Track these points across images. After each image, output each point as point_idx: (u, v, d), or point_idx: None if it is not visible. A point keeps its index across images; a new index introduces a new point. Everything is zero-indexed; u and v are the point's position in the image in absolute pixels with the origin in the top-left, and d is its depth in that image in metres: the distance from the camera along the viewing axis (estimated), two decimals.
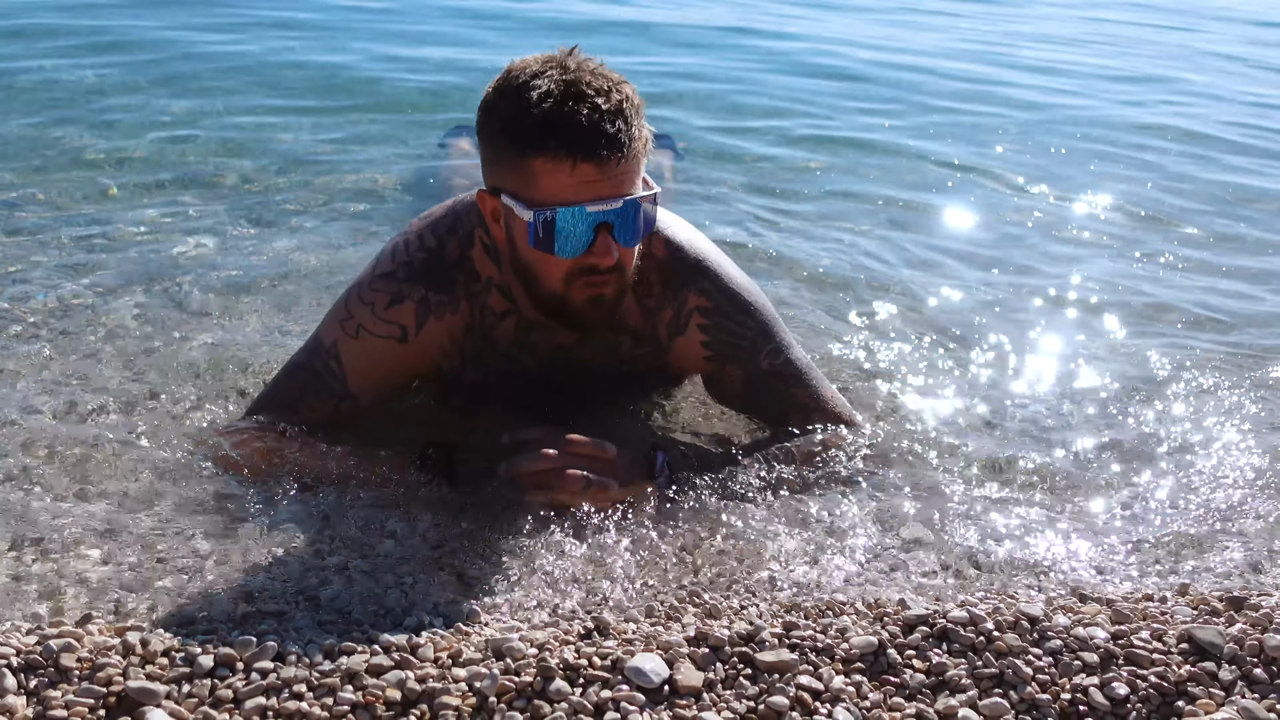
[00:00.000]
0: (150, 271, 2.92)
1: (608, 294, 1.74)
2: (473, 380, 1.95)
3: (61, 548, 1.62)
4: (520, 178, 1.64)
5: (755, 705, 1.25)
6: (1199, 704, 1.27)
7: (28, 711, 1.16)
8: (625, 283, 1.76)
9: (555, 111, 1.57)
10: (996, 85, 6.41)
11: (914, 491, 1.93)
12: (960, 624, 1.38)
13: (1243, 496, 2.00)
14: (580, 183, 1.60)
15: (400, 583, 1.55)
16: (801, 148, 4.75)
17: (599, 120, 1.57)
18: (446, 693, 1.22)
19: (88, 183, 3.63)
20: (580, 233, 1.64)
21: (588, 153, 1.58)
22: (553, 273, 1.70)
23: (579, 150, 1.58)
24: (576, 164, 1.59)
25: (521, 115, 1.60)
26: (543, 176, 1.61)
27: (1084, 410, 2.40)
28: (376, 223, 3.44)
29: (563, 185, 1.61)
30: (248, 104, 4.72)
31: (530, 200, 1.63)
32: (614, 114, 1.59)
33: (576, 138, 1.57)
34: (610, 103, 1.59)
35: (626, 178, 1.64)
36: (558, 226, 1.62)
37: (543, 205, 1.62)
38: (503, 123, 1.64)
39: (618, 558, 1.66)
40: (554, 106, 1.58)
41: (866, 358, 2.60)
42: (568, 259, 1.67)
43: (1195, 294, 3.26)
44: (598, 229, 1.64)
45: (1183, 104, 6.29)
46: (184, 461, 1.90)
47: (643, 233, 1.71)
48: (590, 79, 1.60)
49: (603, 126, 1.58)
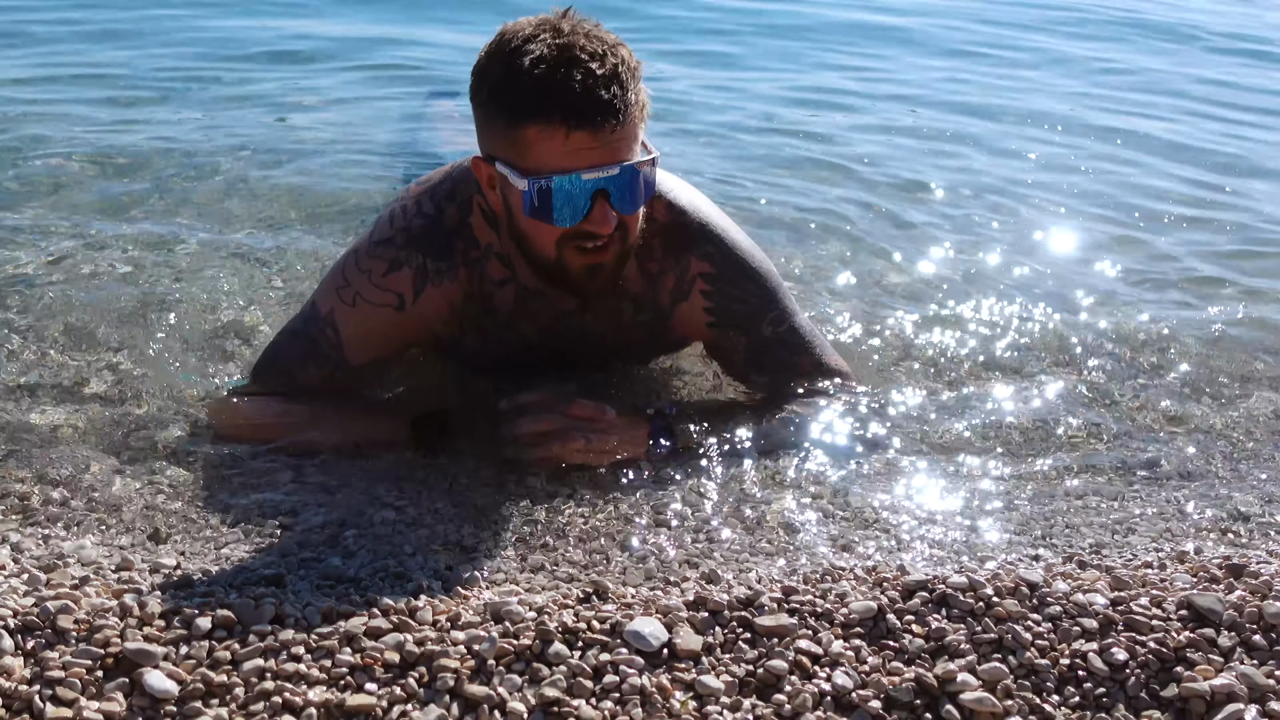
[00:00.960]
0: (144, 230, 2.92)
1: (607, 261, 1.71)
2: (472, 347, 1.94)
3: (59, 513, 1.62)
4: (514, 146, 1.60)
5: (754, 669, 1.25)
6: (1197, 670, 1.27)
7: (26, 672, 1.16)
8: (628, 249, 1.74)
9: (548, 78, 1.54)
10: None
11: (915, 456, 1.93)
12: (960, 590, 1.37)
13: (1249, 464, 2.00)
14: (575, 150, 1.57)
15: (399, 549, 1.55)
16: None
17: (593, 86, 1.54)
18: (445, 655, 1.22)
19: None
20: (577, 201, 1.61)
21: (581, 120, 1.55)
22: (546, 240, 1.67)
23: (572, 118, 1.55)
24: (570, 132, 1.55)
25: (514, 82, 1.56)
26: (536, 145, 1.58)
27: (1091, 372, 2.39)
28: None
29: (557, 153, 1.57)
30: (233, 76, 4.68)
31: (525, 169, 1.60)
32: (609, 79, 1.55)
33: (570, 105, 1.54)
34: (605, 67, 1.55)
35: (623, 144, 1.61)
36: (554, 195, 1.60)
37: (537, 174, 1.59)
38: (495, 89, 1.60)
39: (616, 522, 1.66)
40: (546, 73, 1.54)
41: (867, 319, 2.59)
42: (564, 227, 1.64)
43: (1200, 256, 3.24)
44: (594, 196, 1.61)
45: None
46: (182, 428, 1.90)
47: (642, 199, 1.68)
48: (584, 43, 1.56)
49: (597, 93, 1.54)
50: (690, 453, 1.84)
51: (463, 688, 1.18)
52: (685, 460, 1.83)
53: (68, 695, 1.13)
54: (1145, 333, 2.64)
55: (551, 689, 1.18)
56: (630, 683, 1.21)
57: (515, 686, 1.19)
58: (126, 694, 1.14)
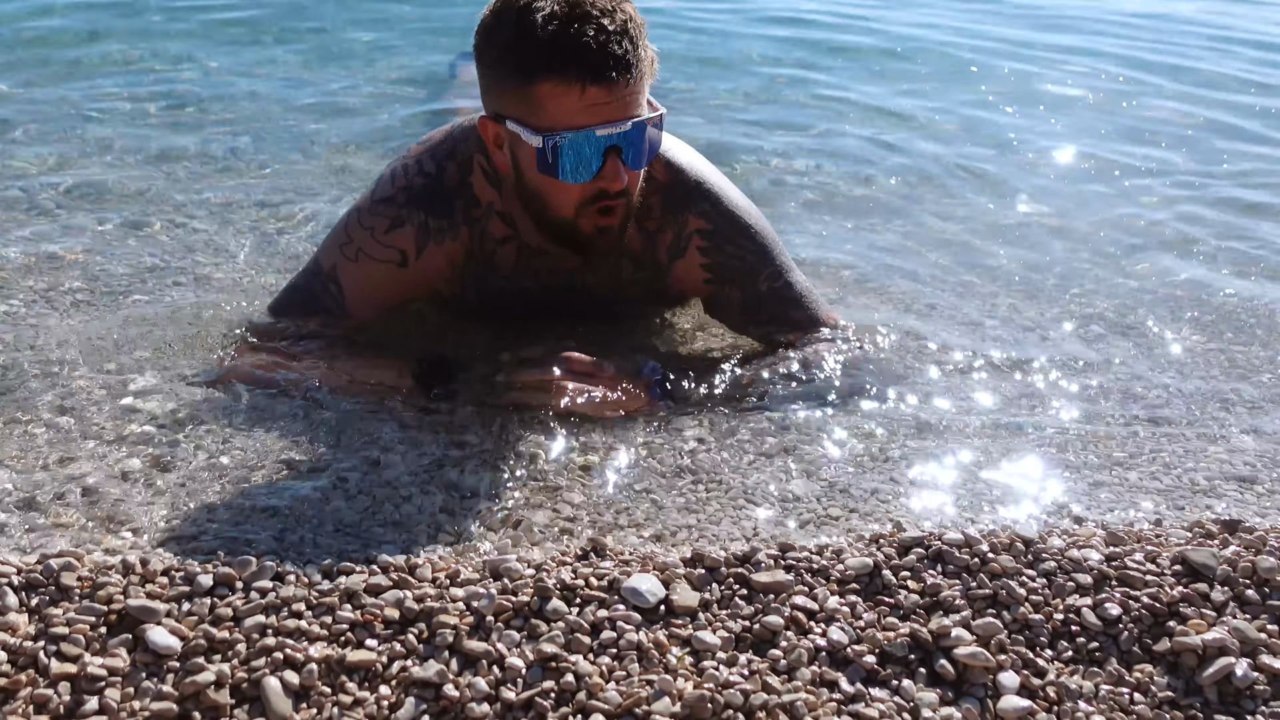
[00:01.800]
0: (152, 189, 2.91)
1: (617, 222, 1.73)
2: (473, 304, 1.95)
3: (58, 468, 1.63)
4: (525, 103, 1.60)
5: (750, 625, 1.27)
6: (1190, 624, 1.28)
7: (30, 629, 1.18)
8: (632, 208, 1.75)
9: (561, 34, 1.53)
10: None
11: (912, 409, 1.93)
12: (955, 546, 1.38)
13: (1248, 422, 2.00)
14: (589, 106, 1.57)
15: (399, 504, 1.56)
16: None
17: (606, 42, 1.53)
18: (444, 612, 1.23)
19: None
20: (589, 157, 1.61)
21: (597, 75, 1.55)
22: (563, 200, 1.68)
23: (588, 74, 1.54)
24: (586, 88, 1.55)
25: (525, 39, 1.55)
26: (549, 101, 1.57)
27: (1094, 333, 2.38)
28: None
29: (571, 109, 1.57)
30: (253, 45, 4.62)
31: (537, 126, 1.60)
32: (620, 34, 1.55)
33: (585, 61, 1.54)
34: (615, 23, 1.55)
35: (633, 99, 1.61)
36: (567, 151, 1.60)
37: (550, 130, 1.59)
38: (504, 47, 1.59)
39: (615, 478, 1.67)
40: (559, 29, 1.53)
41: (867, 275, 2.58)
42: (578, 185, 1.64)
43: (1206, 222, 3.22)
44: (607, 153, 1.62)
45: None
46: (183, 377, 1.90)
47: (649, 155, 1.69)
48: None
49: (610, 48, 1.54)
50: (687, 407, 1.85)
51: (461, 644, 1.19)
52: (682, 414, 1.84)
53: (72, 651, 1.15)
54: (1143, 296, 2.63)
55: (549, 645, 1.20)
56: (627, 639, 1.22)
57: (513, 642, 1.20)
58: (129, 650, 1.16)
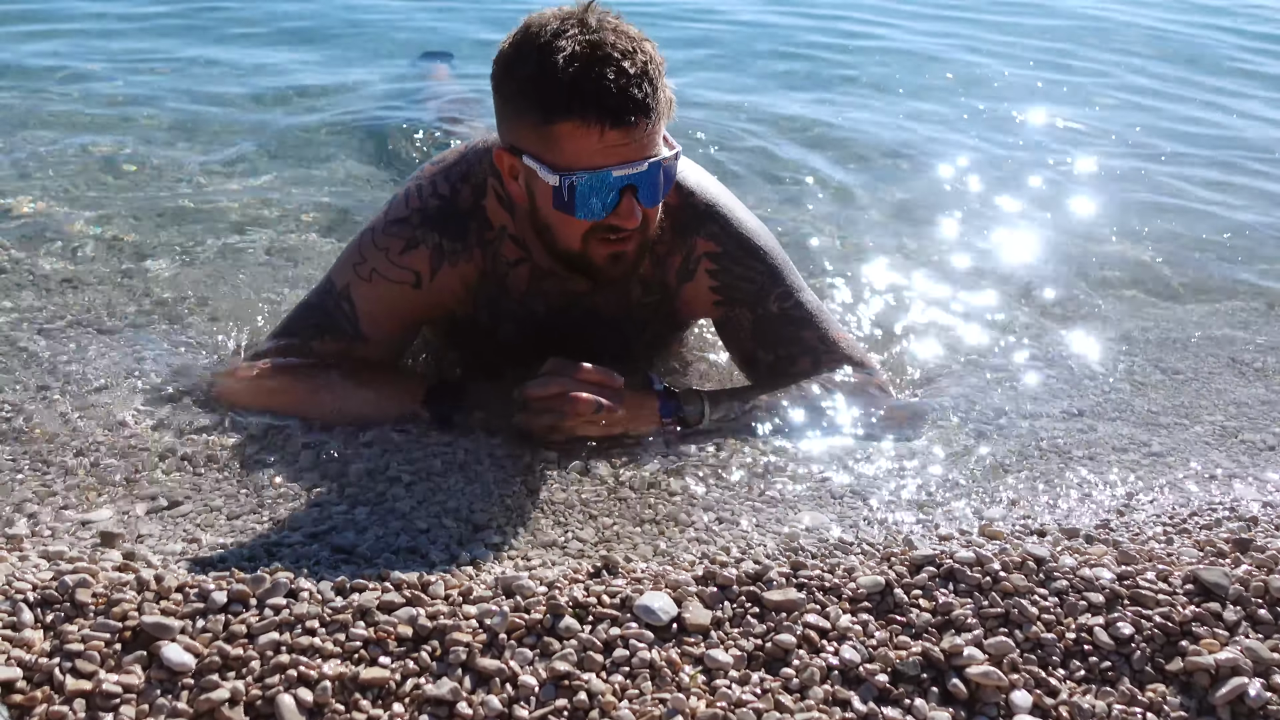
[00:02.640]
0: (161, 209, 2.92)
1: (628, 251, 1.74)
2: (485, 326, 1.96)
3: (73, 488, 1.64)
4: (543, 141, 1.61)
5: (762, 643, 1.27)
6: (1203, 644, 1.28)
7: (45, 645, 1.18)
8: (648, 239, 1.76)
9: (582, 76, 1.54)
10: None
11: (924, 433, 1.94)
12: (967, 564, 1.38)
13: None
14: (607, 147, 1.59)
15: (410, 525, 1.56)
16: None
17: (627, 85, 1.55)
18: (457, 629, 1.23)
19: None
20: (605, 196, 1.63)
21: (616, 119, 1.56)
22: (572, 233, 1.70)
23: (608, 117, 1.56)
24: (605, 130, 1.57)
25: (546, 78, 1.56)
26: (568, 141, 1.59)
27: (1103, 361, 2.39)
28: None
29: (589, 150, 1.59)
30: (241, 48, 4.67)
31: (554, 164, 1.61)
32: (640, 77, 1.56)
33: (605, 105, 1.55)
34: (636, 65, 1.56)
35: (650, 140, 1.62)
36: (583, 190, 1.61)
37: (568, 170, 1.60)
38: (525, 84, 1.60)
39: (626, 498, 1.67)
40: (580, 71, 1.54)
41: (876, 296, 2.59)
42: (590, 221, 1.66)
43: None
44: (622, 192, 1.63)
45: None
46: (197, 398, 1.91)
47: (664, 191, 1.70)
48: (614, 39, 1.56)
49: (631, 92, 1.55)
50: (698, 428, 1.85)
51: (475, 661, 1.20)
52: (693, 435, 1.85)
53: (87, 668, 1.15)
54: (1152, 314, 2.64)
55: (562, 662, 1.20)
56: (640, 656, 1.22)
57: (526, 660, 1.21)
58: (144, 666, 1.16)
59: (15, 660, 1.14)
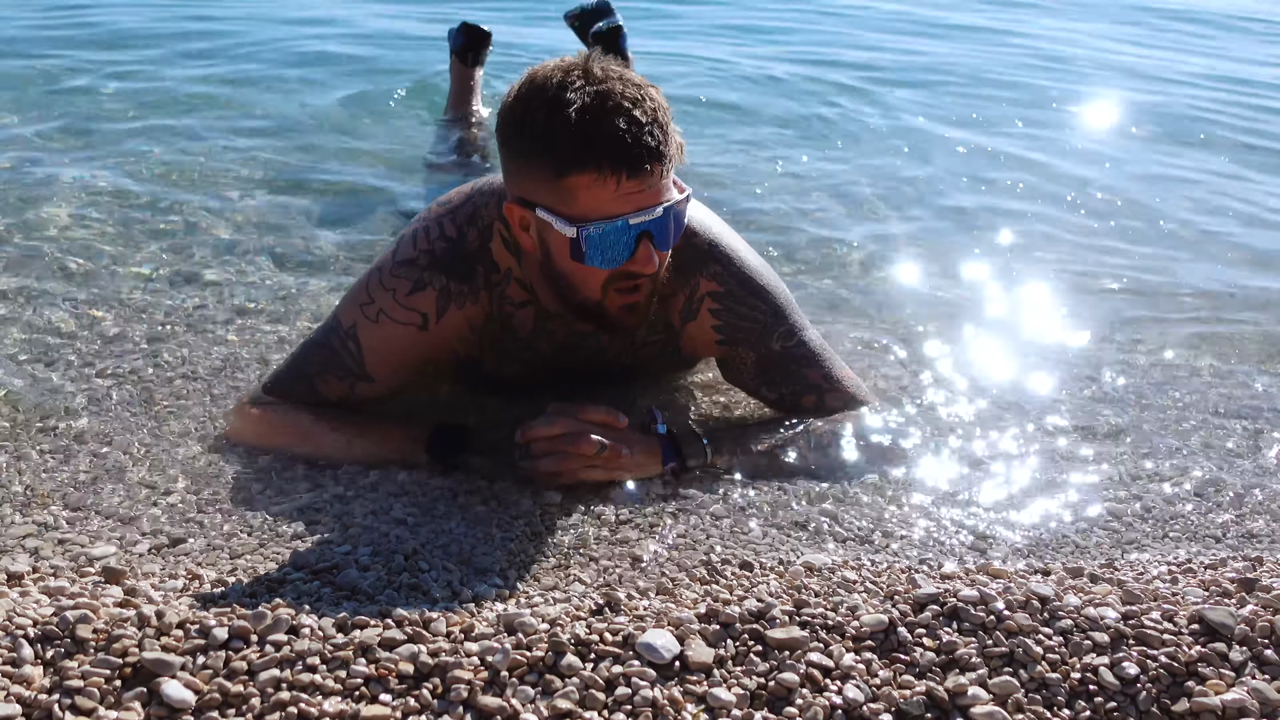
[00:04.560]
0: (167, 236, 2.96)
1: (642, 300, 1.74)
2: (490, 366, 1.96)
3: (74, 524, 1.64)
4: (557, 193, 1.61)
5: (765, 682, 1.26)
6: (1209, 684, 1.27)
7: (45, 681, 1.17)
8: (658, 283, 1.77)
9: (594, 128, 1.55)
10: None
11: (927, 472, 1.93)
12: (971, 603, 1.38)
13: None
14: (622, 196, 1.59)
15: (413, 565, 1.56)
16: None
17: (639, 133, 1.55)
18: (459, 666, 1.22)
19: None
20: (622, 244, 1.63)
21: (632, 169, 1.57)
22: (591, 283, 1.70)
23: (623, 167, 1.56)
24: (621, 180, 1.57)
25: (557, 132, 1.56)
26: (582, 193, 1.59)
27: (1106, 389, 2.39)
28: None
29: (605, 200, 1.59)
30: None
31: (569, 215, 1.61)
32: (651, 124, 1.57)
33: (619, 154, 1.56)
34: (646, 112, 1.57)
35: (664, 185, 1.63)
36: (600, 240, 1.62)
37: (584, 220, 1.60)
38: (535, 139, 1.60)
39: (628, 536, 1.67)
40: (592, 122, 1.55)
41: (875, 330, 2.60)
42: (608, 269, 1.67)
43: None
44: (639, 239, 1.64)
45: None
46: (201, 436, 1.92)
47: (677, 236, 1.71)
48: (621, 88, 1.57)
49: (644, 140, 1.56)
50: (701, 469, 1.85)
51: (476, 699, 1.19)
52: (696, 477, 1.84)
53: (86, 704, 1.14)
54: (1159, 349, 2.64)
55: (564, 700, 1.19)
56: (642, 695, 1.21)
57: (528, 698, 1.20)
58: (144, 703, 1.15)
59: (15, 697, 1.14)
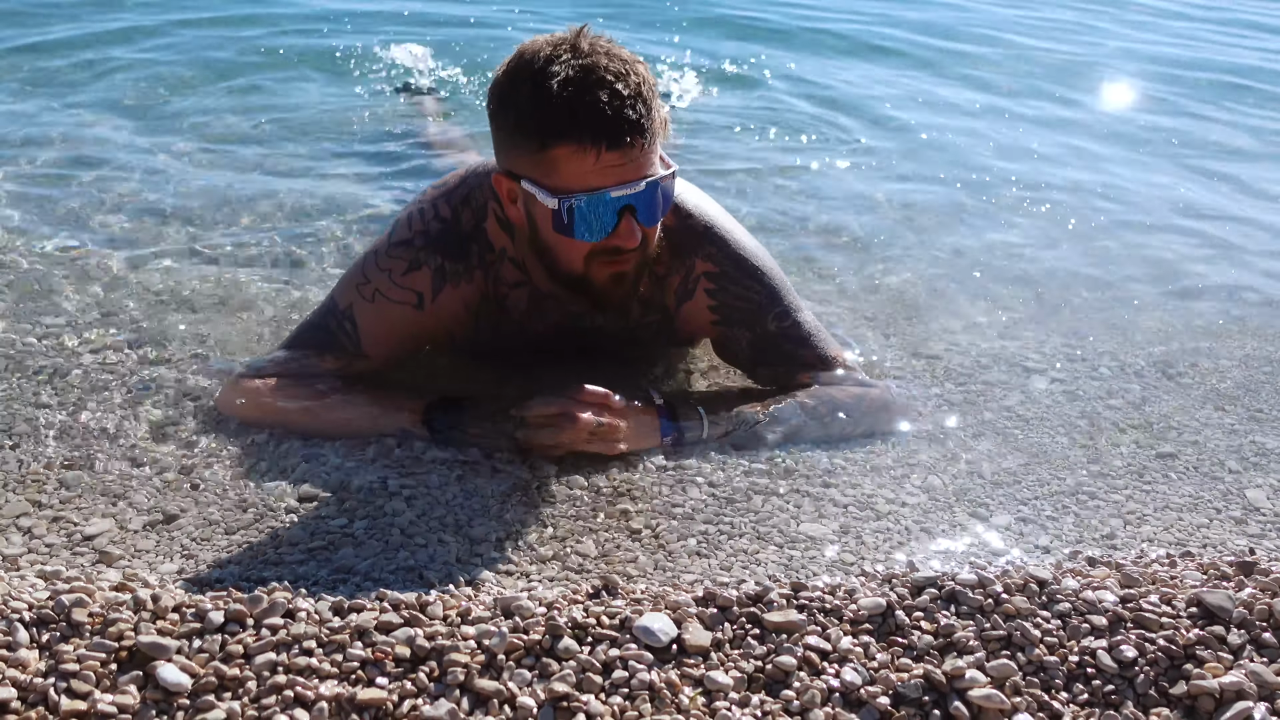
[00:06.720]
0: (159, 212, 2.94)
1: (629, 271, 1.75)
2: (485, 346, 1.97)
3: (70, 505, 1.63)
4: (540, 165, 1.62)
5: (763, 665, 1.26)
6: (1207, 667, 1.27)
7: (40, 665, 1.17)
8: (647, 258, 1.77)
9: (576, 100, 1.55)
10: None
11: (923, 447, 1.93)
12: (969, 586, 1.38)
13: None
14: (604, 169, 1.59)
15: (410, 540, 1.56)
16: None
17: (621, 106, 1.56)
18: (455, 650, 1.22)
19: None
20: (604, 217, 1.64)
21: (612, 141, 1.57)
22: (574, 255, 1.71)
23: (603, 139, 1.57)
24: (601, 153, 1.58)
25: (540, 104, 1.58)
26: (564, 165, 1.60)
27: (1110, 369, 2.38)
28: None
29: (586, 172, 1.60)
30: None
31: (553, 188, 1.62)
32: (634, 98, 1.57)
33: (600, 126, 1.56)
34: (629, 86, 1.57)
35: (647, 159, 1.63)
36: (582, 212, 1.62)
37: (566, 192, 1.61)
38: (520, 111, 1.62)
39: (626, 517, 1.66)
40: (574, 95, 1.55)
41: (870, 311, 2.59)
42: (591, 242, 1.67)
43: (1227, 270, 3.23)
44: (621, 212, 1.64)
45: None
46: (196, 412, 1.91)
47: (663, 211, 1.71)
48: (607, 62, 1.57)
49: (625, 113, 1.56)
50: (697, 445, 1.85)
51: (473, 682, 1.19)
52: (693, 452, 1.84)
53: (82, 688, 1.14)
54: (1155, 329, 2.64)
55: (561, 684, 1.19)
56: (639, 678, 1.21)
57: (525, 681, 1.20)
58: (140, 687, 1.15)
59: (10, 680, 1.14)
